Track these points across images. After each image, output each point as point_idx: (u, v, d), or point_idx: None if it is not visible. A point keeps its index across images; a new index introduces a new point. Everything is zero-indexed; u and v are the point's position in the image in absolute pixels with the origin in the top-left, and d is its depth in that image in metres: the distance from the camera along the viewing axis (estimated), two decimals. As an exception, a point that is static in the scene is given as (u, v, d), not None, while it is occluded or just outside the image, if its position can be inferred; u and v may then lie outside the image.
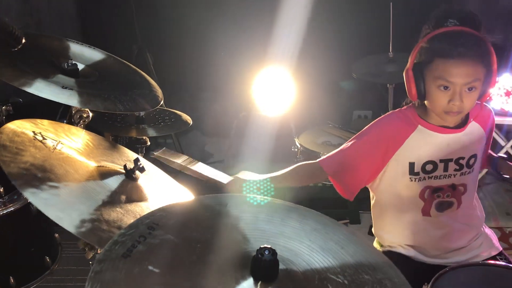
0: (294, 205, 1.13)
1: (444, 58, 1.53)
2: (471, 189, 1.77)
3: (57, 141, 1.51)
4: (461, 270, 1.57)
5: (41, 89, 1.52)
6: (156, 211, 1.04)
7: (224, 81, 3.75)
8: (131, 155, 1.81)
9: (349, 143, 1.73)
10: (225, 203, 1.09)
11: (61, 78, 1.69)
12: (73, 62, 1.76)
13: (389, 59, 2.98)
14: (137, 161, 1.54)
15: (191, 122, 2.18)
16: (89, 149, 1.63)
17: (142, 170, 1.54)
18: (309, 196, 3.06)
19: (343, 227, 1.09)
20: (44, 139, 1.47)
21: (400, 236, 1.79)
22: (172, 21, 3.83)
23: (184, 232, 0.98)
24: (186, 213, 1.06)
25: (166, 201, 1.46)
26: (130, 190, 1.48)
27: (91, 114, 1.87)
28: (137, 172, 1.54)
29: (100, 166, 1.53)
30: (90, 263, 1.58)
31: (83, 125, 1.85)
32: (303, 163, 1.77)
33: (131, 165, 1.53)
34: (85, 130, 1.75)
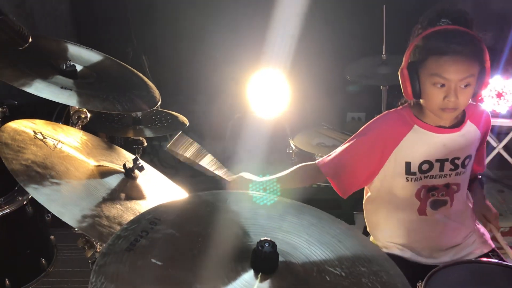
0: (291, 201, 1.16)
1: (438, 55, 1.55)
2: (463, 188, 1.79)
3: (57, 140, 1.53)
4: (454, 267, 1.60)
5: (40, 89, 1.53)
6: (157, 207, 1.07)
7: (219, 84, 3.77)
8: (129, 155, 1.83)
9: (346, 144, 1.74)
10: (225, 199, 1.12)
11: (59, 79, 1.70)
12: (72, 63, 1.78)
13: (382, 61, 3.00)
14: (136, 160, 1.57)
15: (187, 123, 2.20)
16: (88, 149, 1.65)
17: (141, 169, 1.57)
18: (303, 196, 3.06)
19: (339, 222, 1.12)
20: (44, 138, 1.50)
21: (395, 234, 1.81)
22: (167, 24, 3.84)
23: (185, 226, 1.01)
24: (187, 209, 1.08)
25: (163, 200, 1.48)
26: (129, 188, 1.51)
27: (89, 114, 1.89)
28: (136, 171, 1.57)
29: (99, 165, 1.56)
30: (89, 261, 1.60)
31: (81, 126, 1.87)
32: (302, 165, 1.78)
33: (130, 164, 1.56)
34: (82, 131, 1.77)
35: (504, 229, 3.21)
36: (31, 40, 1.57)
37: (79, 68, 1.82)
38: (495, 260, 1.73)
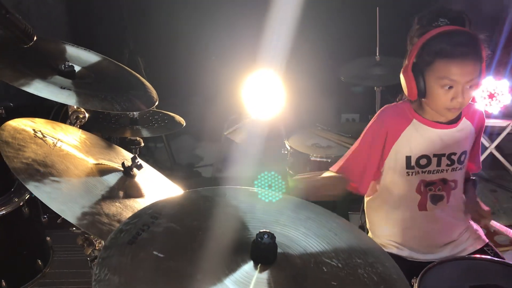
0: (289, 196, 1.19)
1: (446, 58, 1.58)
2: (460, 185, 1.83)
3: (56, 139, 1.55)
4: (448, 264, 1.63)
5: (40, 89, 1.54)
6: (157, 202, 1.09)
7: (214, 85, 3.79)
8: (127, 154, 1.85)
9: (355, 144, 1.79)
10: (224, 194, 1.14)
11: (58, 79, 1.71)
12: (70, 64, 1.79)
13: (376, 62, 3.04)
14: (134, 158, 1.59)
15: (184, 123, 2.21)
16: (87, 148, 1.67)
17: (139, 167, 1.59)
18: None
19: (335, 217, 1.15)
20: (44, 136, 1.51)
21: (395, 232, 1.84)
22: (163, 26, 3.87)
23: (185, 220, 1.03)
24: (186, 203, 1.11)
25: (161, 197, 1.50)
26: (128, 186, 1.53)
27: (87, 114, 1.90)
28: (135, 169, 1.59)
29: (98, 163, 1.58)
30: (88, 258, 1.62)
31: (79, 126, 1.88)
32: (329, 175, 1.80)
33: (128, 163, 1.58)
34: (81, 129, 1.79)
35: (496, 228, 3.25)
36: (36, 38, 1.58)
37: (77, 68, 1.83)
38: (488, 256, 1.76)
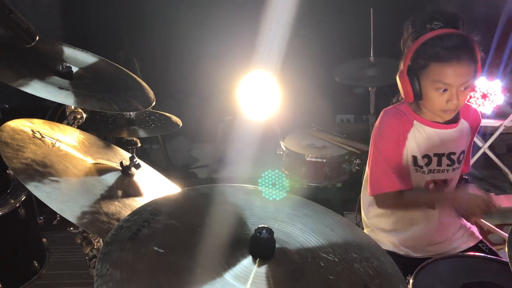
0: (287, 194, 1.21)
1: (440, 62, 1.60)
2: (455, 183, 1.86)
3: (55, 139, 1.56)
4: (442, 261, 1.66)
5: (38, 89, 1.55)
6: (157, 199, 1.11)
7: (209, 86, 3.81)
8: (125, 154, 1.87)
9: (371, 157, 1.78)
10: (223, 192, 1.16)
11: (56, 79, 1.72)
12: (67, 64, 1.80)
13: (370, 63, 3.07)
14: (132, 158, 1.61)
15: (180, 123, 2.23)
16: (86, 148, 1.68)
17: (137, 166, 1.61)
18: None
19: (332, 213, 1.17)
20: (42, 137, 1.53)
21: (393, 228, 1.85)
22: (157, 27, 3.88)
23: (185, 217, 1.05)
24: (186, 200, 1.13)
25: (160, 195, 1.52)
26: (126, 185, 1.55)
27: (84, 115, 1.91)
28: (133, 168, 1.61)
29: (97, 163, 1.59)
30: (86, 257, 1.64)
31: (76, 126, 1.90)
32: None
33: (127, 162, 1.60)
34: (79, 130, 1.80)
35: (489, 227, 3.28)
36: (37, 38, 1.59)
37: (74, 69, 1.84)
38: (482, 254, 1.79)
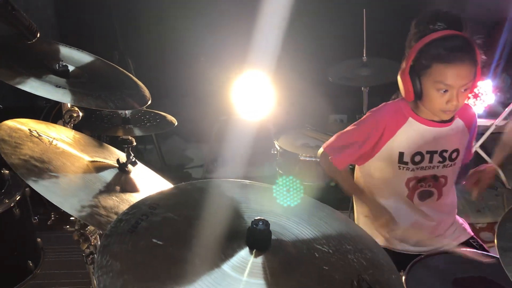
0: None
1: (442, 63, 1.63)
2: (451, 181, 1.89)
3: (52, 137, 1.58)
4: (434, 257, 1.69)
5: (36, 88, 1.57)
6: (155, 194, 1.13)
7: (204, 86, 3.83)
8: (120, 153, 1.89)
9: (347, 128, 1.86)
10: (219, 186, 1.19)
11: (53, 78, 1.74)
12: (64, 63, 1.82)
13: (363, 63, 3.09)
14: (129, 155, 1.63)
15: (176, 122, 2.24)
16: (82, 146, 1.70)
17: (134, 163, 1.63)
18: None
19: (325, 207, 1.20)
20: (39, 135, 1.54)
21: (383, 220, 1.85)
22: (151, 27, 3.90)
23: (182, 210, 1.08)
24: (183, 195, 1.15)
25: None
26: (123, 182, 1.57)
27: (80, 114, 1.93)
28: (130, 165, 1.63)
29: (94, 160, 1.61)
30: (83, 254, 1.65)
31: (73, 125, 1.91)
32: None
33: (124, 159, 1.62)
34: (74, 130, 1.82)
35: (482, 225, 3.33)
36: (39, 35, 1.61)
37: (71, 68, 1.86)
38: (473, 249, 1.83)
